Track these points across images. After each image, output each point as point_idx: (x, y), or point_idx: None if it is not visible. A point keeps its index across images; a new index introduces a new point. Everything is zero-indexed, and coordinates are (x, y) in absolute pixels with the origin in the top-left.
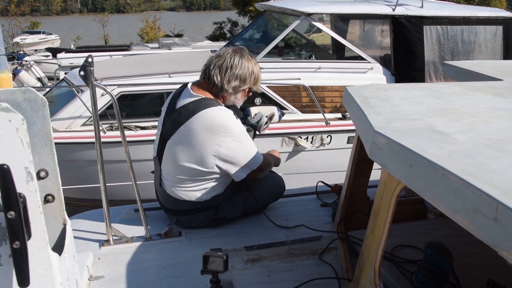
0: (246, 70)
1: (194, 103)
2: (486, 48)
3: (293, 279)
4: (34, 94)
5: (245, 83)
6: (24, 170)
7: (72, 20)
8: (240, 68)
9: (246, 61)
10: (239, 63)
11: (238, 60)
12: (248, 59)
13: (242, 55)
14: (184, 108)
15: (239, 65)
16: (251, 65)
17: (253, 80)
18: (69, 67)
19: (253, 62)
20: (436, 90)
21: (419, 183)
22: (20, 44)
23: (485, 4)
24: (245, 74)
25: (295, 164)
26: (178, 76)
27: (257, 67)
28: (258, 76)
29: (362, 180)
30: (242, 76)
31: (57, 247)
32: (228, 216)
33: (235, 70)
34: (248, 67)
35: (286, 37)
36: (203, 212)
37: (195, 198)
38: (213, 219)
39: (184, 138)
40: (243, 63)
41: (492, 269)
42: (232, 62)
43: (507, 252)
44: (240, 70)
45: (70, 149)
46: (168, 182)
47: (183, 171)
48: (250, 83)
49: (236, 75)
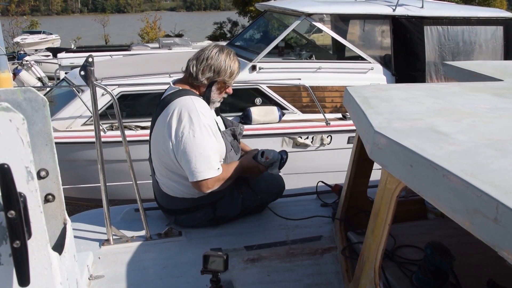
0: (222, 63)
1: (171, 95)
2: (487, 49)
3: (293, 279)
4: (34, 94)
5: (219, 75)
6: (24, 170)
7: (73, 20)
8: (216, 60)
9: (224, 55)
10: (216, 55)
11: (216, 53)
12: (227, 54)
13: (221, 50)
14: (163, 100)
15: (215, 57)
16: (228, 60)
17: (228, 74)
18: (69, 67)
19: (232, 58)
20: (437, 90)
21: (419, 183)
22: (21, 44)
23: (486, 5)
24: (219, 66)
25: (295, 164)
26: (178, 76)
27: (235, 63)
28: (234, 70)
29: (362, 180)
30: (217, 68)
31: (57, 247)
32: (227, 214)
33: (210, 61)
34: (225, 60)
35: (287, 37)
36: (201, 210)
37: (189, 196)
38: (212, 218)
39: (160, 130)
40: (220, 56)
41: (492, 269)
42: (209, 54)
43: (507, 252)
44: (216, 61)
45: (70, 148)
46: (162, 181)
47: (168, 166)
48: (225, 75)
49: (211, 66)
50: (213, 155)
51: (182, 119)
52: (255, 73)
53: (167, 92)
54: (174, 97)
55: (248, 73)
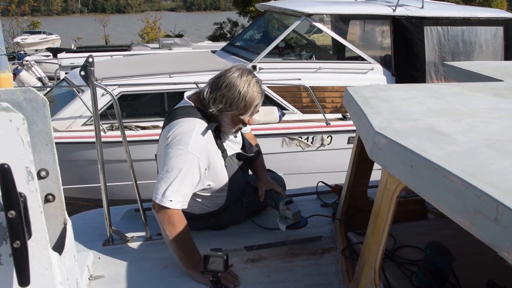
0: (236, 95)
1: (181, 109)
2: (487, 49)
3: (293, 279)
4: (34, 94)
5: (231, 107)
6: (24, 170)
7: (73, 20)
8: (230, 89)
9: (242, 84)
10: (232, 83)
11: (234, 80)
12: (246, 82)
13: (241, 76)
14: (173, 112)
15: (230, 86)
16: (245, 90)
17: (242, 107)
18: (69, 67)
19: (251, 87)
20: (437, 90)
21: (419, 183)
22: (21, 44)
23: (486, 5)
24: (233, 98)
25: (295, 164)
26: (179, 76)
27: (254, 95)
28: (250, 103)
29: (362, 180)
30: (229, 99)
31: (57, 247)
32: (231, 222)
33: (224, 91)
34: (240, 91)
35: (287, 38)
36: (204, 219)
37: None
38: (215, 225)
39: (160, 143)
40: (237, 85)
41: (493, 270)
42: (226, 81)
43: (507, 253)
44: (229, 92)
45: (70, 148)
46: None
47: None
48: (238, 109)
49: (223, 96)
50: (177, 186)
51: (173, 139)
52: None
53: (179, 105)
54: (181, 114)
55: None
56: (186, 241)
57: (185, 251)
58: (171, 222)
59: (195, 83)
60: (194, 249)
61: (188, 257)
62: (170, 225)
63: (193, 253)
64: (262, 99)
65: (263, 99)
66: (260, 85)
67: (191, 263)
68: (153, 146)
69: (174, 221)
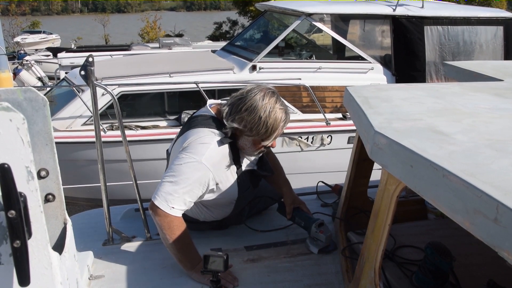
0: (257, 119)
1: (202, 118)
2: (487, 49)
3: (293, 279)
4: (34, 94)
5: (251, 133)
6: (24, 169)
7: (73, 19)
8: (250, 113)
9: (264, 108)
10: (253, 106)
11: (255, 104)
12: (268, 107)
13: (263, 98)
14: (193, 118)
15: (251, 110)
16: (266, 115)
17: (263, 133)
18: (69, 67)
19: (274, 112)
20: (437, 90)
21: (419, 183)
22: (21, 43)
23: (486, 5)
24: (252, 123)
25: (295, 164)
26: (179, 76)
27: (276, 121)
28: (272, 129)
29: (362, 180)
30: (249, 124)
31: (57, 246)
32: (233, 224)
33: (244, 113)
34: (260, 116)
35: (287, 37)
36: (206, 224)
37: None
38: (217, 226)
39: (176, 149)
40: (258, 109)
41: (493, 270)
42: (247, 104)
43: (507, 253)
44: (249, 116)
45: (70, 148)
46: None
47: None
48: (259, 134)
49: (242, 119)
50: (182, 194)
51: (189, 146)
52: (255, 73)
53: (199, 112)
54: (201, 124)
55: (248, 73)
56: (185, 245)
57: (185, 254)
58: (171, 227)
59: (195, 82)
60: (194, 251)
61: (188, 259)
62: (170, 230)
63: (192, 255)
64: (287, 124)
65: (287, 124)
66: (285, 111)
67: (190, 265)
68: (153, 146)
69: (174, 226)
